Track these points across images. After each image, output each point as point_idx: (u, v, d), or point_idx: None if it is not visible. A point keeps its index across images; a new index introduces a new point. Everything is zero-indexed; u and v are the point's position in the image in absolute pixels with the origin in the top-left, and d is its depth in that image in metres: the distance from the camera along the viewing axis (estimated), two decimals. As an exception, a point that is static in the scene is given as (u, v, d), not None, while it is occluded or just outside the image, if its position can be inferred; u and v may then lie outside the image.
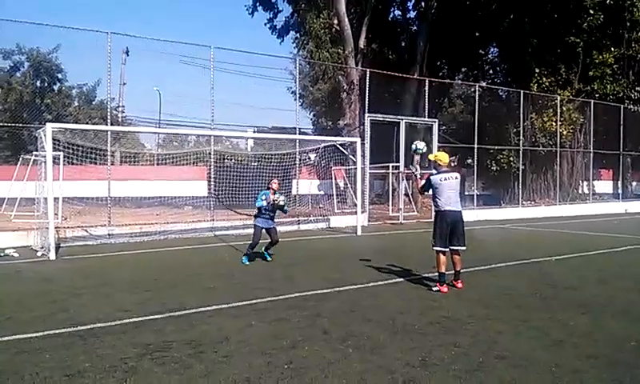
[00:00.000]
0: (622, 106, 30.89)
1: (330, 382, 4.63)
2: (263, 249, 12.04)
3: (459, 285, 8.76)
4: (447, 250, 8.73)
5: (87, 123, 27.17)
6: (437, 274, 8.72)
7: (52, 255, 12.09)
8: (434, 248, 8.76)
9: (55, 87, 33.67)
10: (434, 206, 8.94)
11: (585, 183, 32.55)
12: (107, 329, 6.32)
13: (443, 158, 9.07)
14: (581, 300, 7.90)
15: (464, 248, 8.84)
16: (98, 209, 17.62)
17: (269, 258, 12.03)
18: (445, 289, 8.55)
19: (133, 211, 19.47)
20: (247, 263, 11.55)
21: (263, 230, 11.70)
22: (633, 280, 9.75)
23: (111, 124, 18.87)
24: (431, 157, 9.24)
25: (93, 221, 16.56)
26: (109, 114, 18.24)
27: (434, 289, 8.56)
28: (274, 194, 11.60)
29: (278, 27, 32.52)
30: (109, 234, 15.45)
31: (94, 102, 36.29)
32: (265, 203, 11.46)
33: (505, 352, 5.42)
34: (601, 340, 5.90)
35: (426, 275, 9.74)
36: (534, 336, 6.03)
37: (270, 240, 11.87)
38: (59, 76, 33.50)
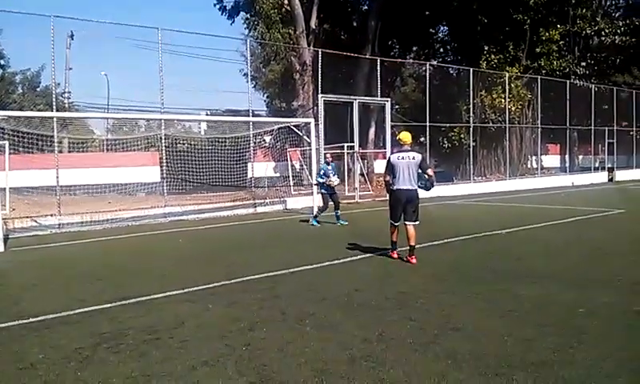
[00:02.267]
0: (569, 81, 31.77)
1: (288, 361, 4.65)
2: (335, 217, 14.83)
3: (413, 260, 8.91)
4: (399, 223, 9.18)
5: (32, 110, 26.35)
6: (390, 248, 9.43)
7: (0, 247, 11.72)
8: (391, 222, 9.29)
9: (-2, 74, 32.56)
10: (390, 183, 9.14)
11: (533, 158, 33.47)
12: (60, 319, 6.19)
13: (404, 137, 9.28)
14: (530, 271, 8.14)
15: (417, 222, 9.05)
16: (47, 198, 17.13)
17: (344, 223, 14.68)
18: (395, 255, 9.29)
19: (83, 199, 19.03)
20: (317, 224, 14.72)
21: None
22: (579, 250, 10.13)
23: (57, 110, 18.32)
24: (406, 137, 9.31)
25: (42, 211, 16.11)
26: (54, 100, 17.69)
27: (388, 253, 9.40)
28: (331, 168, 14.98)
29: (227, 8, 32.01)
30: (59, 224, 15.06)
31: (38, 89, 35.25)
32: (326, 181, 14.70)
33: (459, 324, 5.55)
34: (550, 309, 6.10)
35: (382, 253, 9.85)
36: (487, 307, 6.19)
37: (334, 205, 14.89)
38: (1, 62, 32.38)
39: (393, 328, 5.47)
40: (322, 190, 14.98)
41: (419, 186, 9.10)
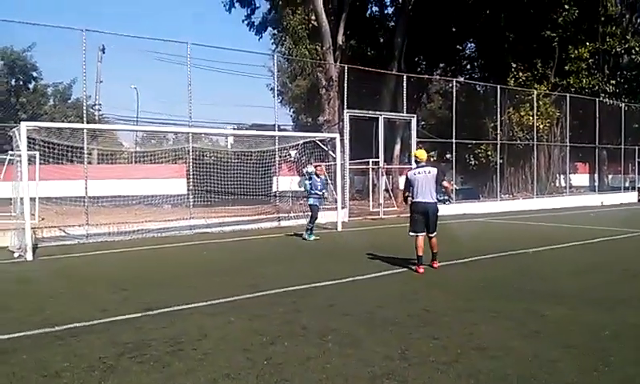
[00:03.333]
0: (598, 99, 31.32)
1: (309, 377, 4.64)
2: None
3: (435, 265, 9.72)
4: (421, 234, 9.62)
5: (63, 122, 26.83)
6: (417, 262, 9.67)
7: (29, 256, 11.93)
8: (410, 234, 9.77)
9: (30, 86, 33.28)
10: (410, 197, 9.89)
11: (562, 176, 32.99)
12: (85, 328, 6.27)
13: (419, 154, 10.09)
14: (556, 291, 8.02)
15: (435, 233, 9.69)
16: (76, 208, 17.38)
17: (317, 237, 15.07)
18: (421, 270, 9.51)
19: (111, 210, 19.28)
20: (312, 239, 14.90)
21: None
22: (607, 271, 9.93)
23: (87, 122, 18.63)
24: (421, 154, 10.13)
25: (70, 221, 16.36)
26: (84, 111, 18.00)
27: (413, 268, 9.65)
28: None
29: (255, 24, 32.42)
30: (86, 234, 15.29)
31: (69, 101, 35.94)
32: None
33: (482, 343, 5.48)
34: (576, 330, 5.99)
35: (406, 269, 9.81)
36: (511, 327, 6.11)
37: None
38: (34, 74, 33.17)
39: (415, 346, 5.43)
40: (310, 202, 15.31)
41: (438, 200, 9.73)
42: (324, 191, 15.72)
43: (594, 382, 4.46)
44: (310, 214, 15.56)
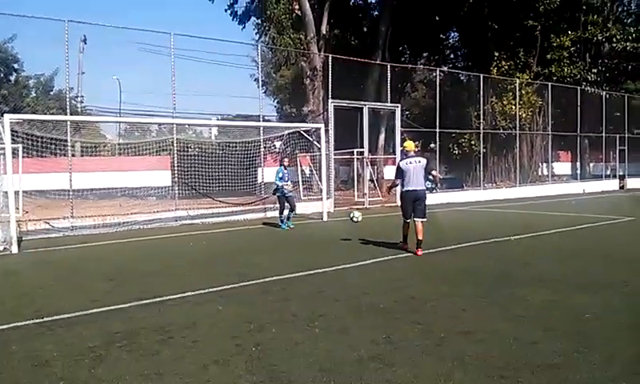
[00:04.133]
0: (579, 88, 31.66)
1: (297, 362, 4.73)
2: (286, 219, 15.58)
3: (419, 252, 10.03)
4: (410, 220, 10.32)
5: (45, 114, 26.56)
6: (402, 242, 10.66)
7: (14, 249, 11.88)
8: (407, 220, 10.43)
9: (12, 78, 32.86)
10: (400, 186, 10.50)
11: (544, 165, 33.33)
12: (74, 319, 6.30)
13: (408, 145, 10.77)
14: (538, 276, 8.17)
15: (424, 219, 10.21)
16: (59, 201, 17.28)
17: (292, 226, 15.67)
18: (406, 247, 10.48)
19: (95, 203, 19.20)
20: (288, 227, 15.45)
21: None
22: (587, 257, 10.14)
23: (70, 114, 18.50)
24: (409, 145, 10.83)
25: (54, 213, 16.28)
26: (68, 103, 17.87)
27: (399, 244, 10.68)
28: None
29: (238, 13, 32.19)
30: (71, 227, 15.23)
31: (51, 93, 35.47)
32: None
33: (466, 327, 5.60)
34: (558, 313, 6.14)
35: (391, 258, 9.96)
36: (494, 312, 6.24)
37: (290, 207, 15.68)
38: (15, 66, 32.71)
39: (401, 331, 5.54)
40: (278, 194, 15.71)
41: (427, 187, 10.42)
42: (288, 182, 15.99)
43: (574, 362, 4.59)
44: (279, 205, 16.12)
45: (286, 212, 15.73)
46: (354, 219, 12.36)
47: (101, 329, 5.85)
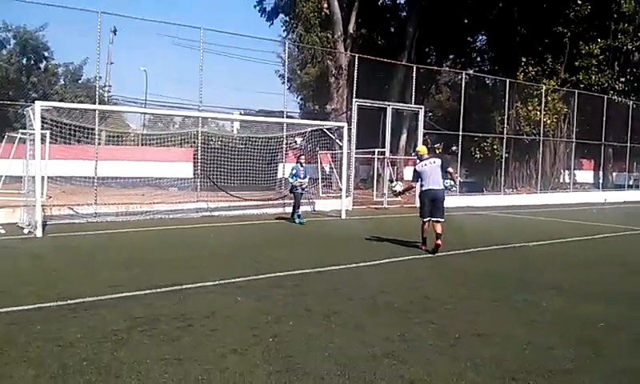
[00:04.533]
0: (606, 96, 31.27)
1: (312, 355, 4.84)
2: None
3: (439, 242, 10.26)
4: (429, 219, 10.51)
5: (73, 102, 27.02)
6: (421, 242, 10.85)
7: (39, 232, 12.16)
8: (421, 218, 10.67)
9: (41, 65, 33.46)
10: (419, 186, 10.89)
11: (566, 172, 33.02)
12: (97, 303, 6.48)
13: (422, 150, 11.22)
14: (555, 283, 8.18)
15: (443, 220, 10.45)
16: (83, 188, 17.62)
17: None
18: (424, 248, 10.65)
19: (118, 191, 19.52)
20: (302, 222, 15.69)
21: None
22: (604, 266, 10.10)
23: (98, 103, 18.82)
24: (422, 149, 11.28)
25: (77, 200, 16.59)
26: (97, 93, 18.20)
27: (419, 244, 10.83)
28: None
29: (267, 10, 32.39)
30: (95, 213, 15.51)
31: (80, 81, 36.06)
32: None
33: (481, 330, 5.67)
34: (572, 321, 6.18)
35: (408, 258, 10.02)
36: (509, 316, 6.30)
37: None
38: (45, 54, 33.34)
39: (415, 330, 5.62)
40: (295, 190, 16.07)
41: (445, 187, 10.65)
42: (305, 179, 16.39)
43: (586, 368, 4.64)
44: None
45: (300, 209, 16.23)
46: (395, 188, 12.59)
47: (122, 314, 6.00)
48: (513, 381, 4.32)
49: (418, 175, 10.78)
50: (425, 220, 10.62)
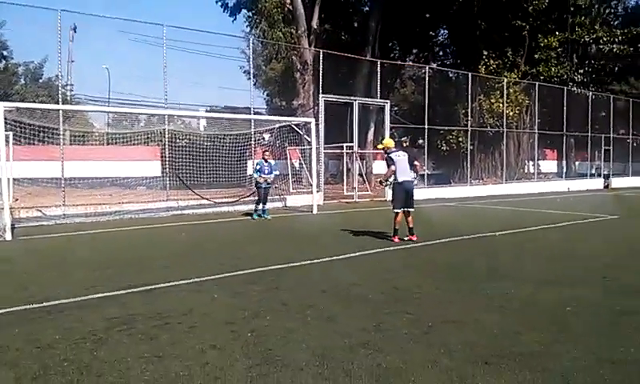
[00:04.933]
0: (566, 88, 32.09)
1: (290, 347, 4.95)
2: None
3: (414, 238, 10.90)
4: (402, 210, 10.97)
5: (34, 102, 26.55)
6: (392, 234, 11.13)
7: (8, 236, 11.99)
8: (394, 210, 11.06)
9: (1, 65, 32.73)
10: (393, 178, 11.12)
11: (530, 163, 33.78)
12: (72, 304, 6.47)
13: (389, 143, 11.50)
14: (521, 271, 8.47)
15: (413, 209, 11.12)
16: (48, 189, 17.37)
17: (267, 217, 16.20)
18: (396, 239, 10.93)
19: (85, 192, 19.28)
20: (262, 217, 16.11)
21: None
22: (569, 253, 10.43)
23: (61, 103, 18.53)
24: (380, 146, 11.76)
25: (44, 201, 16.36)
26: (60, 92, 17.98)
27: (389, 237, 11.09)
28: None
29: (229, 5, 32.18)
30: (63, 215, 15.33)
31: (40, 80, 35.40)
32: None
33: (453, 318, 5.85)
34: (539, 306, 6.42)
35: (379, 250, 10.20)
36: (480, 303, 6.50)
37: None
38: (4, 53, 32.60)
39: (389, 320, 5.78)
40: (259, 186, 16.37)
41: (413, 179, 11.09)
42: (270, 175, 16.55)
43: (554, 351, 4.85)
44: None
45: (261, 205, 16.41)
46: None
47: (99, 314, 6.02)
48: (485, 365, 4.50)
49: (392, 162, 11.07)
50: (397, 211, 11.00)
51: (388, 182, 12.07)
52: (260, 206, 16.39)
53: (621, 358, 4.72)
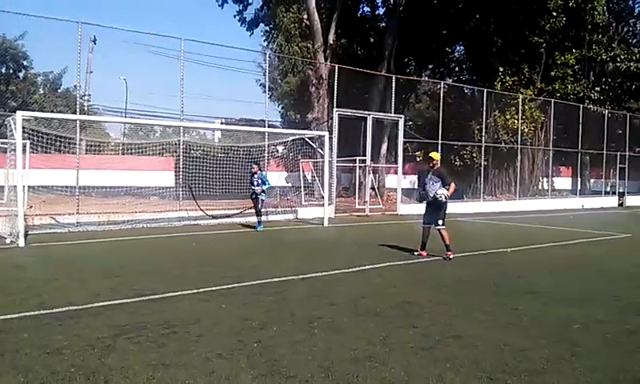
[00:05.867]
0: (582, 105, 31.91)
1: (297, 358, 4.96)
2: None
3: (450, 255, 10.81)
4: (428, 225, 11.23)
5: (52, 111, 26.91)
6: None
7: (21, 242, 12.13)
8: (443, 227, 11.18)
9: (21, 74, 33.24)
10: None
11: (544, 179, 33.56)
12: (81, 311, 6.53)
13: (436, 156, 11.76)
14: (531, 287, 8.40)
15: (442, 226, 11.10)
16: (63, 197, 17.56)
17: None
18: (424, 253, 11.08)
19: (99, 200, 19.46)
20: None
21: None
22: (581, 271, 10.36)
23: (79, 113, 18.78)
24: (435, 156, 11.81)
25: (58, 209, 16.53)
26: (77, 102, 18.18)
27: (415, 253, 11.15)
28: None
29: (247, 20, 32.58)
30: (77, 223, 15.48)
31: (59, 90, 35.88)
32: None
33: (459, 333, 5.83)
34: (547, 323, 6.38)
35: (389, 264, 10.20)
36: (487, 319, 6.47)
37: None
38: (25, 63, 33.10)
39: (396, 334, 5.77)
40: (262, 197, 16.66)
41: (445, 197, 11.28)
42: (261, 187, 16.55)
43: (560, 369, 4.82)
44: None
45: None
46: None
47: (107, 321, 6.07)
48: (490, 380, 4.49)
49: (422, 181, 11.69)
50: (425, 226, 11.29)
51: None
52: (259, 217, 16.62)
53: (628, 377, 4.68)
